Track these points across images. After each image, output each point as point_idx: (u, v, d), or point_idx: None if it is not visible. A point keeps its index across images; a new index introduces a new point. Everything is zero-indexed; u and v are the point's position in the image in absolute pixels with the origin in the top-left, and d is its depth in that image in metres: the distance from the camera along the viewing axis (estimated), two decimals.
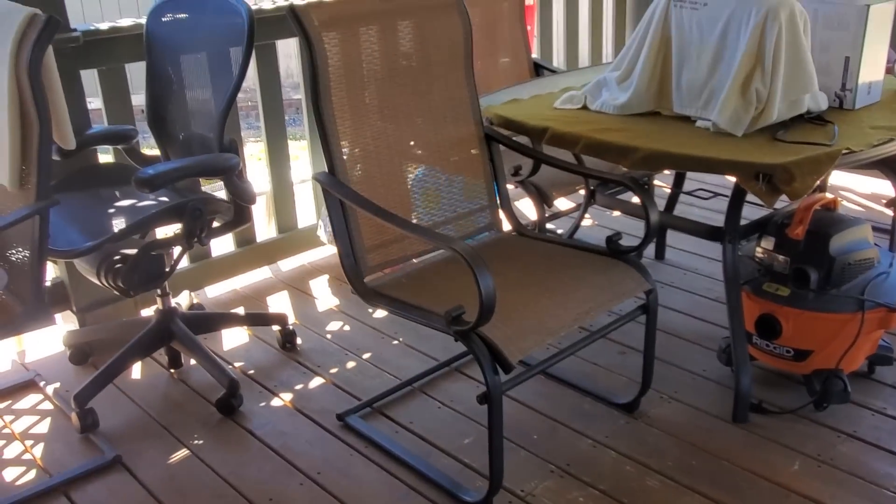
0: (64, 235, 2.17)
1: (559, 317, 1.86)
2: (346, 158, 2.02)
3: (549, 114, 2.27)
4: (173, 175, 2.12)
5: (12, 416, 2.35)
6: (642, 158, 1.96)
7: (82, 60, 2.53)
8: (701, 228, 2.33)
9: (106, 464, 2.12)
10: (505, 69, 3.16)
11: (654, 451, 2.09)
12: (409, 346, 2.63)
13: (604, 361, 2.49)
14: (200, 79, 2.40)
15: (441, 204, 2.24)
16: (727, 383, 2.33)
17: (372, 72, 2.08)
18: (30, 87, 1.82)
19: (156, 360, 2.59)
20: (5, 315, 1.96)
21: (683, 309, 2.78)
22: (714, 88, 2.09)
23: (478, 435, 2.18)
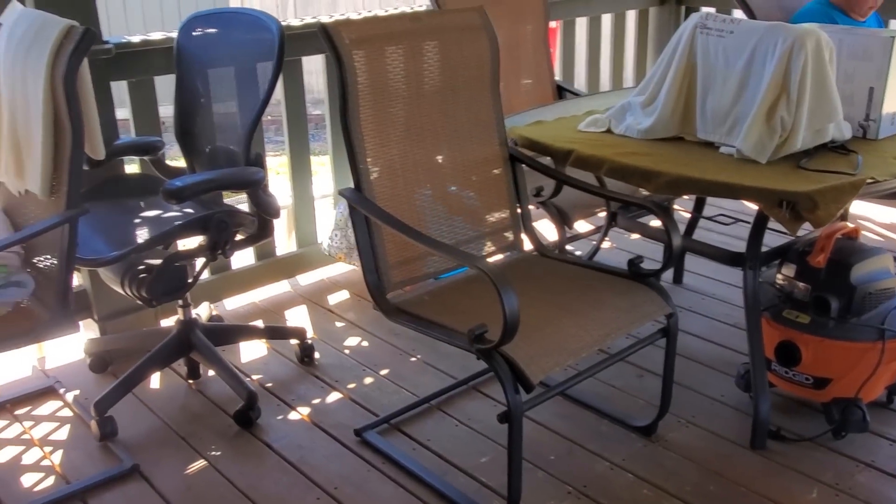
0: (90, 244, 2.19)
1: (581, 338, 1.87)
2: (372, 175, 2.04)
3: (574, 136, 2.29)
4: (201, 187, 2.14)
5: (32, 423, 2.36)
6: (666, 183, 1.97)
7: (113, 72, 2.56)
8: (722, 254, 2.34)
9: (124, 472, 2.13)
10: (528, 91, 3.18)
11: (671, 475, 2.09)
12: (427, 363, 2.63)
13: (621, 384, 2.49)
14: (227, 93, 2.43)
15: (464, 222, 2.25)
16: (745, 409, 2.33)
17: (399, 90, 2.10)
18: (65, 97, 1.85)
19: (175, 371, 2.60)
20: (31, 321, 1.98)
21: (701, 334, 2.78)
22: (739, 115, 2.10)
23: (495, 454, 2.18)
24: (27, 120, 1.97)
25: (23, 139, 2.01)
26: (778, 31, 2.03)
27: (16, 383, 2.55)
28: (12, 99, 2.03)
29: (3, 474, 2.14)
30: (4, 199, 2.25)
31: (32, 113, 1.94)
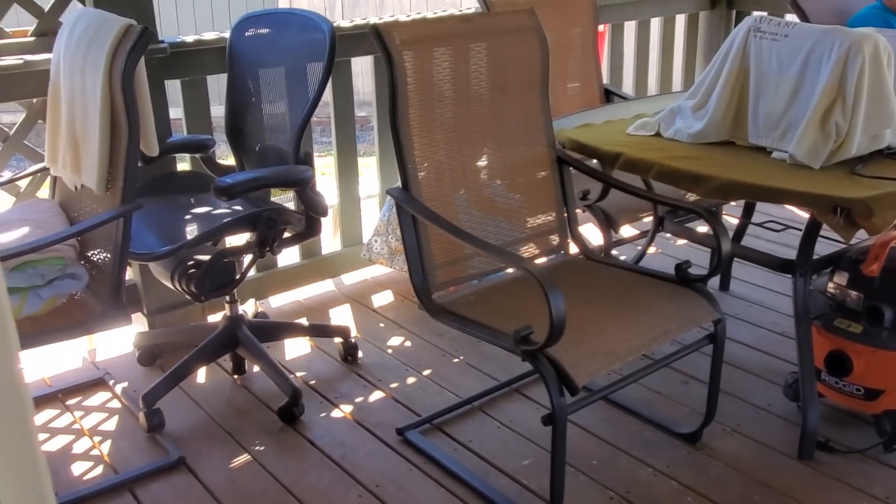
0: (142, 239, 2.24)
1: (627, 342, 1.85)
2: (419, 175, 2.05)
3: (622, 139, 2.28)
4: (251, 184, 2.17)
5: (82, 413, 2.41)
6: (717, 187, 1.95)
7: (167, 71, 2.61)
8: (772, 260, 2.30)
9: (170, 464, 2.16)
10: (574, 94, 3.17)
11: (716, 483, 2.06)
12: (470, 364, 2.64)
13: (665, 390, 2.47)
14: (278, 92, 2.46)
15: (510, 224, 2.25)
16: (793, 419, 2.29)
17: (449, 91, 2.11)
18: (122, 95, 1.89)
19: (220, 366, 2.64)
20: (84, 313, 2.03)
21: (748, 342, 2.74)
22: (792, 120, 2.07)
23: (537, 457, 2.17)
24: (85, 116, 2.02)
25: (80, 135, 2.06)
26: (834, 35, 2.00)
27: (67, 374, 2.61)
28: (71, 96, 2.08)
29: (54, 462, 2.19)
30: (61, 193, 2.31)
31: (90, 110, 1.98)
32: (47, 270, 2.00)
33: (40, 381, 2.56)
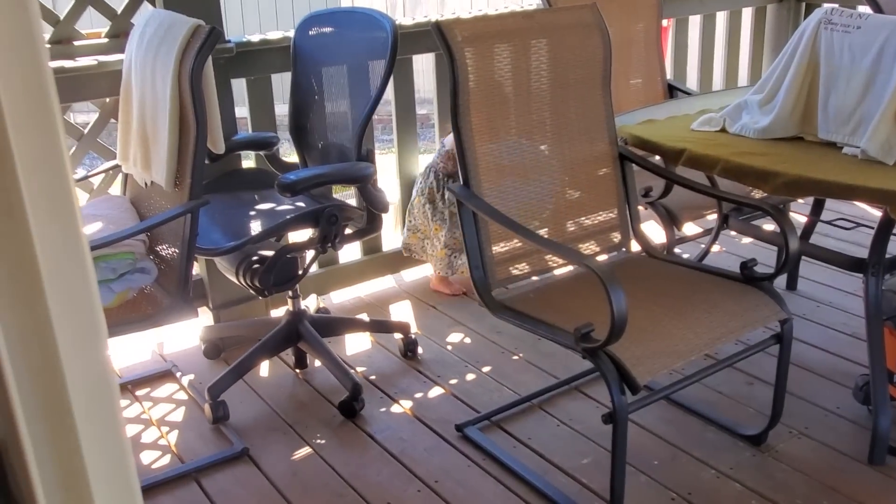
0: (208, 235, 2.29)
1: (689, 341, 1.83)
2: (480, 171, 2.06)
3: (686, 135, 2.24)
4: (314, 181, 2.20)
5: (150, 403, 2.48)
6: (784, 184, 1.90)
7: (234, 70, 2.67)
8: (842, 259, 2.24)
9: (234, 455, 2.21)
10: (637, 90, 3.13)
11: (781, 486, 2.02)
12: (529, 362, 2.63)
13: (729, 391, 2.42)
14: (340, 90, 2.49)
15: (571, 221, 2.24)
16: (863, 423, 2.22)
17: (510, 87, 2.11)
18: (190, 94, 1.94)
19: (283, 360, 2.69)
20: (153, 306, 2.08)
21: (816, 342, 2.67)
22: (864, 115, 2.01)
23: (596, 456, 2.16)
24: (155, 115, 2.08)
25: (150, 133, 2.12)
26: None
27: (137, 366, 2.68)
28: (142, 95, 2.14)
29: None
30: (132, 189, 2.38)
31: (160, 108, 2.04)
32: (119, 265, 2.06)
33: None
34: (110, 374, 0.53)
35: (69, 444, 0.52)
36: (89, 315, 0.52)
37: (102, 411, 0.53)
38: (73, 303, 0.52)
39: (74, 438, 0.52)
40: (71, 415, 0.51)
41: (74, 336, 0.51)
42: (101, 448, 0.53)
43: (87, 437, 0.52)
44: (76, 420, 0.51)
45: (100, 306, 0.52)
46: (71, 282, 0.51)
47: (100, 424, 0.53)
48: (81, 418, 0.52)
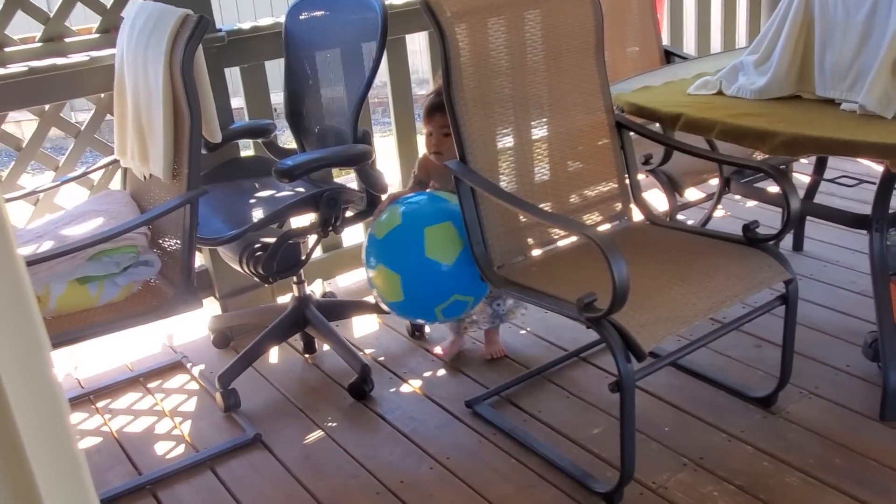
0: (209, 225, 2.29)
1: (693, 305, 1.82)
2: (476, 147, 2.05)
3: (683, 100, 2.22)
4: (311, 165, 2.20)
5: (163, 395, 2.50)
6: (783, 143, 1.89)
7: (226, 58, 2.66)
8: (845, 216, 2.23)
9: (247, 441, 2.23)
10: (634, 58, 3.10)
11: (793, 447, 2.02)
12: (536, 335, 2.63)
13: (738, 354, 2.42)
14: (334, 74, 2.48)
15: (571, 193, 2.23)
16: (873, 380, 2.22)
17: (502, 62, 2.09)
18: (183, 84, 1.94)
19: (291, 346, 2.70)
20: (158, 298, 2.09)
21: (824, 302, 2.66)
22: (861, 69, 1.99)
23: (607, 425, 2.16)
24: (149, 107, 2.08)
25: (146, 126, 2.12)
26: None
27: (147, 359, 2.70)
28: (136, 88, 2.14)
29: (138, 443, 2.27)
30: (132, 184, 2.38)
31: (153, 100, 2.04)
32: (122, 258, 2.07)
33: (123, 366, 2.66)
34: (56, 388, 0.53)
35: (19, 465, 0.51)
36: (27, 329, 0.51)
37: (51, 426, 0.53)
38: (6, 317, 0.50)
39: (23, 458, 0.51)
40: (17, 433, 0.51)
41: (13, 351, 0.50)
42: (52, 465, 0.53)
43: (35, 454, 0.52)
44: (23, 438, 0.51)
45: (39, 318, 0.51)
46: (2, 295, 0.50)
47: (49, 440, 0.53)
48: (29, 436, 0.51)
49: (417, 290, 2.11)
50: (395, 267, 2.11)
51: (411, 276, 2.09)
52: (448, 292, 2.11)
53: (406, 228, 2.12)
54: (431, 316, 2.20)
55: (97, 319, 1.99)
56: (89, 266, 2.02)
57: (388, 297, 2.17)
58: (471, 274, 2.07)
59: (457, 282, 2.10)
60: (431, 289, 2.11)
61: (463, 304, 2.16)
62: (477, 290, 2.16)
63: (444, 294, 2.11)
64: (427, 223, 2.12)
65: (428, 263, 2.08)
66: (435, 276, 2.09)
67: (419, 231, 2.10)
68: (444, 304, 2.11)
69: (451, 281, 2.09)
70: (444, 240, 2.09)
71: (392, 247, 2.13)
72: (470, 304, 2.18)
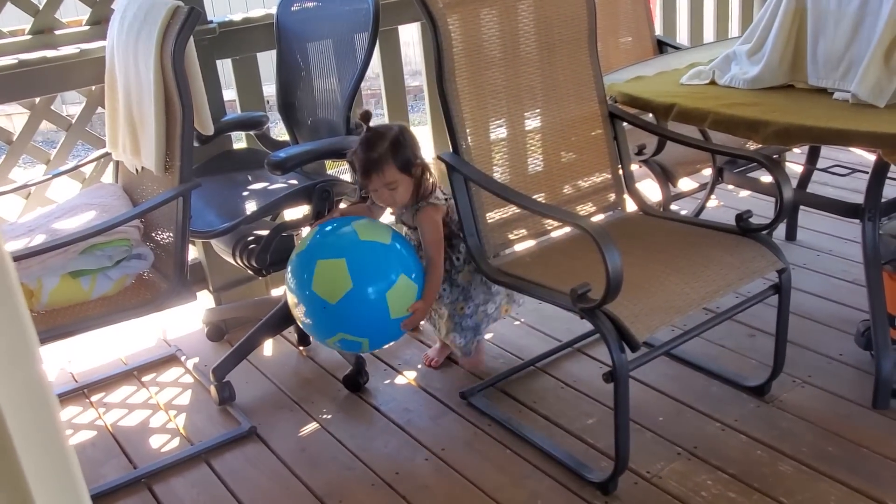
0: (202, 217, 2.29)
1: (687, 295, 1.82)
2: (469, 138, 2.04)
3: (676, 90, 2.22)
4: (303, 157, 2.19)
5: (157, 388, 2.50)
6: (775, 132, 1.89)
7: (218, 50, 2.65)
8: (838, 205, 2.23)
9: (242, 434, 2.23)
10: (627, 49, 3.10)
11: (786, 436, 2.02)
12: (531, 326, 2.63)
13: (732, 344, 2.42)
14: (327, 65, 2.47)
15: (564, 183, 2.23)
16: (866, 368, 2.23)
17: (495, 52, 2.09)
18: (174, 76, 1.93)
19: (286, 338, 2.70)
20: (152, 292, 2.09)
21: (817, 291, 2.66)
22: (854, 58, 1.99)
23: (601, 416, 2.17)
24: (140, 100, 2.07)
25: (137, 118, 2.11)
26: None
27: (142, 352, 2.70)
28: (126, 81, 2.13)
29: (133, 436, 2.27)
30: (124, 177, 2.38)
31: (145, 93, 2.03)
32: (114, 252, 2.06)
33: (117, 360, 2.66)
34: (45, 384, 0.52)
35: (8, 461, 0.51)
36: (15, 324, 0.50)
37: (40, 422, 0.52)
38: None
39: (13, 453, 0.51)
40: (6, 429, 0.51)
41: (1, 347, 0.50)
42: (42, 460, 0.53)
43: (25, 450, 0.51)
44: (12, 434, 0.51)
45: (27, 313, 0.51)
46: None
47: (39, 435, 0.52)
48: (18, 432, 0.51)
49: (308, 317, 2.01)
50: (293, 291, 2.01)
51: (304, 304, 1.99)
52: (332, 329, 1.99)
53: (303, 256, 2.00)
54: (328, 345, 2.13)
55: (90, 313, 1.99)
56: (81, 260, 2.01)
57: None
58: (359, 317, 1.94)
59: (339, 321, 1.96)
60: (317, 321, 2.00)
61: (355, 344, 2.06)
62: (372, 333, 2.01)
63: (329, 330, 2.00)
64: (322, 255, 1.98)
65: (311, 298, 1.95)
66: (318, 311, 1.97)
67: (312, 263, 1.97)
68: (332, 338, 2.01)
69: (333, 319, 1.96)
70: (332, 277, 1.93)
71: (293, 271, 2.02)
72: (364, 345, 2.06)
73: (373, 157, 1.99)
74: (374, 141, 2.00)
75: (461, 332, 2.29)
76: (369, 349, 2.10)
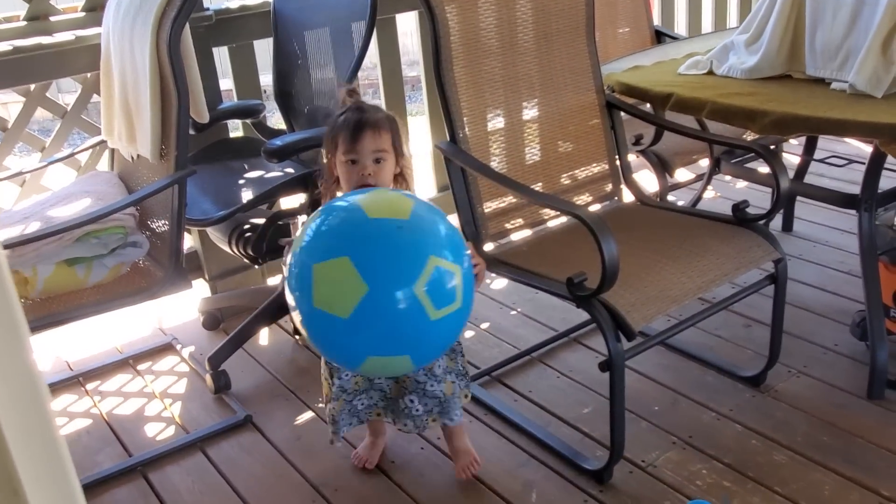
0: (198, 205, 2.28)
1: (683, 285, 1.82)
2: (466, 127, 2.04)
3: (673, 80, 2.22)
4: (299, 145, 2.18)
5: (153, 377, 2.50)
6: (772, 122, 1.88)
7: (214, 38, 2.63)
8: (834, 196, 2.23)
9: (238, 422, 2.22)
10: (625, 39, 3.09)
11: (782, 425, 2.03)
12: (527, 316, 2.63)
13: (728, 334, 2.43)
14: (324, 53, 2.46)
15: (561, 173, 2.22)
16: (861, 358, 2.23)
17: (492, 41, 2.08)
18: (169, 63, 1.92)
19: (282, 327, 2.69)
20: (147, 280, 2.08)
21: (813, 282, 2.67)
22: (851, 48, 1.98)
23: (597, 405, 2.17)
24: (136, 87, 2.06)
25: (133, 106, 2.10)
26: None
27: (138, 341, 2.69)
28: (122, 68, 2.12)
29: (128, 425, 2.27)
30: (120, 165, 2.37)
31: (140, 80, 2.02)
32: (109, 240, 2.06)
33: (113, 349, 2.65)
34: (35, 373, 0.52)
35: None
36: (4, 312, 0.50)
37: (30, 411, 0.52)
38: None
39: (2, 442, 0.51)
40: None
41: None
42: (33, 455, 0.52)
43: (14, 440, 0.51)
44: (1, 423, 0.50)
45: (17, 301, 0.50)
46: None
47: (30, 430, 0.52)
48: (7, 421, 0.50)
49: (321, 343, 1.52)
50: (296, 310, 1.49)
51: (310, 326, 1.48)
52: (357, 353, 1.46)
53: (296, 263, 1.47)
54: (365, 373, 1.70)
55: (85, 300, 1.98)
56: (77, 247, 2.01)
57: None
58: (387, 328, 1.43)
59: (362, 341, 1.43)
60: (334, 345, 1.49)
61: (395, 366, 1.54)
62: (412, 345, 1.47)
63: (354, 355, 1.48)
64: (317, 258, 1.43)
65: (317, 316, 1.43)
66: (330, 332, 1.45)
67: (307, 270, 1.43)
68: (362, 365, 1.48)
69: (353, 340, 1.43)
70: (337, 282, 1.40)
71: (289, 284, 1.49)
72: (406, 364, 1.51)
73: (371, 118, 1.72)
74: (371, 108, 1.76)
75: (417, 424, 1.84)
76: (415, 368, 1.56)
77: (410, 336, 1.45)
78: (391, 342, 1.45)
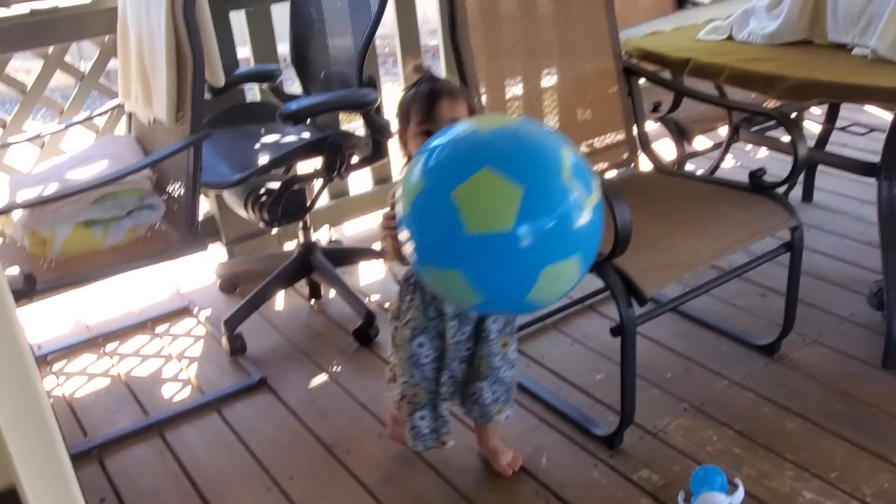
0: (215, 169, 2.29)
1: (697, 251, 1.81)
2: (483, 95, 2.03)
3: (692, 45, 2.19)
4: (315, 109, 2.18)
5: (170, 339, 2.53)
6: (791, 88, 1.86)
7: (231, 1, 2.63)
8: (854, 163, 2.20)
9: (253, 384, 2.25)
10: (645, 4, 3.05)
11: (795, 394, 2.02)
12: None
13: (743, 302, 2.41)
14: (340, 17, 2.45)
15: (578, 141, 2.21)
16: (877, 328, 2.21)
17: (509, 7, 2.06)
18: (185, 26, 1.92)
19: (297, 292, 2.71)
20: (163, 242, 2.10)
21: (831, 252, 2.64)
22: (874, 13, 1.94)
23: (609, 371, 2.17)
24: (152, 50, 2.06)
25: (149, 69, 2.10)
26: None
27: (156, 304, 2.72)
28: (139, 30, 2.12)
29: (146, 386, 2.30)
30: (137, 128, 2.38)
31: (157, 43, 2.02)
32: (126, 202, 2.07)
33: (131, 312, 2.69)
34: (23, 344, 0.52)
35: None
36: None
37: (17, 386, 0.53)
38: None
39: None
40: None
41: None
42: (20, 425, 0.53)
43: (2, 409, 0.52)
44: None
45: (4, 281, 0.51)
46: None
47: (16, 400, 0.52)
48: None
49: (488, 284, 1.33)
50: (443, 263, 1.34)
51: (467, 265, 1.30)
52: (534, 268, 1.30)
53: (425, 202, 1.32)
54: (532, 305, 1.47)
55: (103, 262, 2.00)
56: (94, 209, 2.02)
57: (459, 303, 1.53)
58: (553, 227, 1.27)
59: (536, 250, 1.28)
60: (505, 275, 1.31)
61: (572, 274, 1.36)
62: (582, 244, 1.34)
63: (530, 273, 1.30)
64: (452, 184, 1.28)
65: (474, 244, 1.27)
66: (496, 255, 1.28)
67: (445, 200, 1.28)
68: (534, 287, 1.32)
69: (526, 251, 1.27)
70: (488, 196, 1.27)
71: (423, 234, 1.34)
72: (575, 270, 1.35)
73: (446, 86, 1.64)
74: (444, 80, 1.67)
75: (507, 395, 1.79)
76: (580, 275, 1.38)
77: (575, 229, 1.30)
78: (561, 241, 1.30)
